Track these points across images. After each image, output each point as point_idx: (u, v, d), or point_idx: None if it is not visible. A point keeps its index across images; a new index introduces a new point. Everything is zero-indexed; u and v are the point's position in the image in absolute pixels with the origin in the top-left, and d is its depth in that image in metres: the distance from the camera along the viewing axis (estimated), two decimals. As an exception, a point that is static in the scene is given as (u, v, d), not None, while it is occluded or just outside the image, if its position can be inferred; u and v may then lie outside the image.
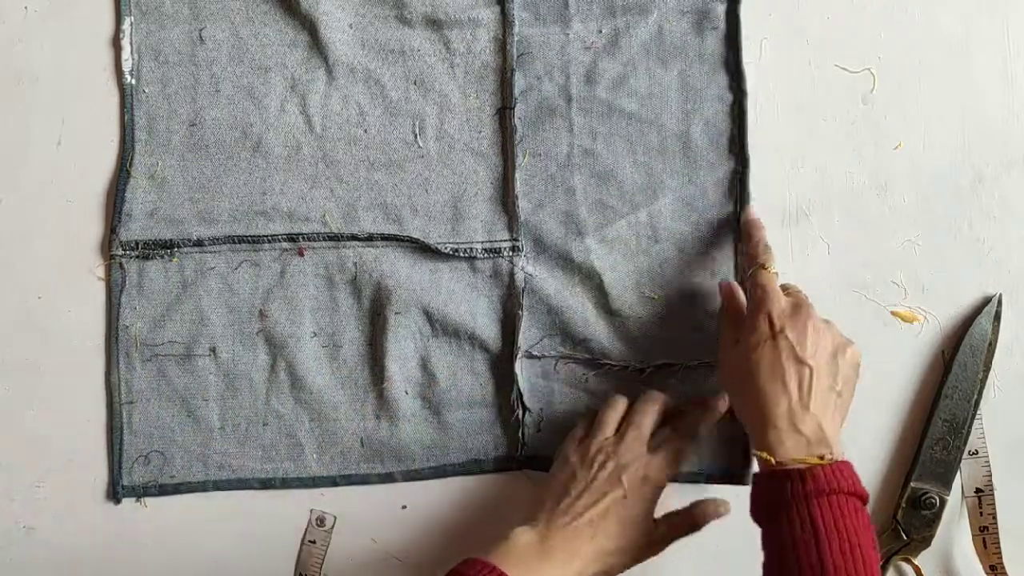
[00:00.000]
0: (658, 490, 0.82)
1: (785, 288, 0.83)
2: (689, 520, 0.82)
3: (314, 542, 0.88)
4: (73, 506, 0.88)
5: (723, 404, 0.86)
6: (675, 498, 0.88)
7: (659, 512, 0.82)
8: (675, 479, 0.87)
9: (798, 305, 0.79)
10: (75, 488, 0.88)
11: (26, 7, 0.89)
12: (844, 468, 0.73)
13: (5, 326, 0.88)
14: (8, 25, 0.89)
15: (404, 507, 0.89)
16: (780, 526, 0.72)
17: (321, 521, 0.88)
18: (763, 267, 0.81)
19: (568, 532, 0.78)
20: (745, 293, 0.83)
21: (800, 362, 0.76)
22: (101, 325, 0.88)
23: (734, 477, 0.89)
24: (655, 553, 0.80)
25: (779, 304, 0.78)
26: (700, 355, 0.88)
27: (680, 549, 0.84)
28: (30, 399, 0.88)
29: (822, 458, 0.73)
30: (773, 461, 0.74)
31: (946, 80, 0.89)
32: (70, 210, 0.88)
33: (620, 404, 0.86)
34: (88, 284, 0.88)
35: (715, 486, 0.89)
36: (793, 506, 0.71)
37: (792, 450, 0.74)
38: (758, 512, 0.75)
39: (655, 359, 0.89)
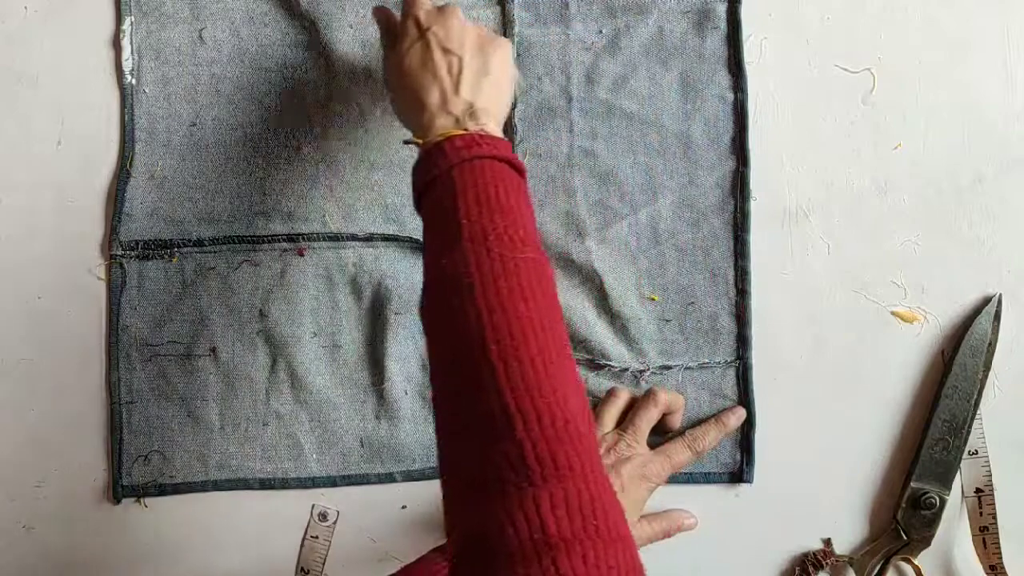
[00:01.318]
0: (652, 489, 0.83)
1: None
2: (664, 526, 0.84)
3: (316, 537, 0.88)
4: (73, 506, 0.88)
5: (735, 420, 0.87)
6: (676, 498, 0.88)
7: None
8: (674, 478, 0.87)
9: (443, 7, 0.79)
10: (75, 488, 0.88)
11: (26, 7, 0.89)
12: (488, 138, 0.71)
13: (5, 326, 0.87)
14: (8, 25, 0.89)
15: (404, 507, 0.89)
16: (430, 202, 0.71)
17: (323, 516, 0.88)
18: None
19: None
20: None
21: (448, 52, 0.76)
22: (101, 325, 0.88)
23: (734, 476, 0.89)
24: None
25: (425, 7, 0.78)
26: (700, 356, 0.88)
27: (681, 548, 0.84)
28: (30, 399, 0.88)
29: (467, 130, 0.72)
30: (421, 142, 0.73)
31: (946, 80, 0.89)
32: (70, 210, 0.88)
33: (621, 399, 0.87)
34: (88, 284, 0.88)
35: (715, 485, 0.89)
36: (437, 180, 0.70)
37: (440, 128, 0.73)
38: (417, 201, 0.73)
39: (655, 360, 0.89)
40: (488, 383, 0.59)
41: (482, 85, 0.75)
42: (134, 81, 0.88)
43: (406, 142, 0.76)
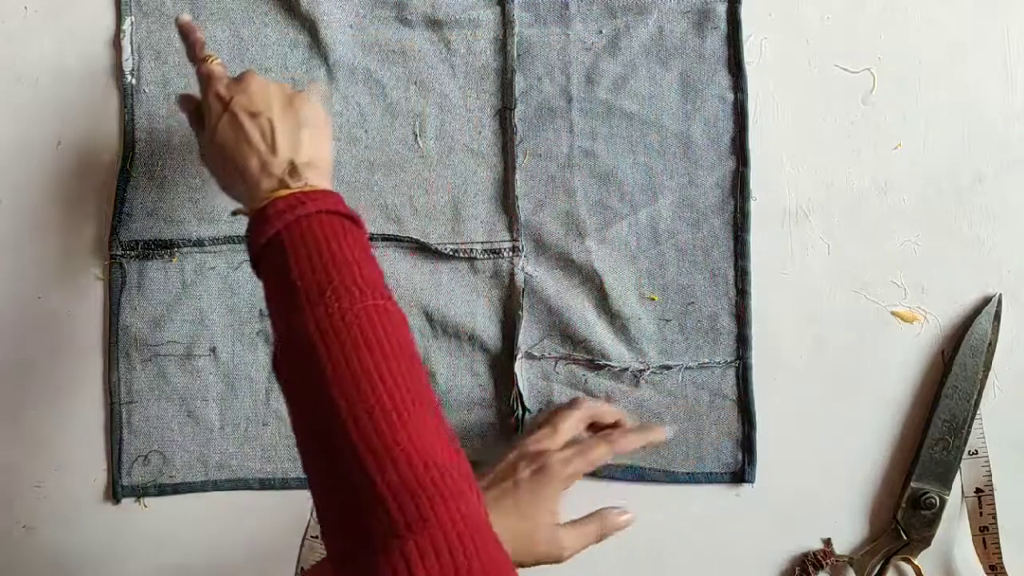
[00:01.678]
0: (555, 483, 0.77)
1: None
2: (594, 528, 0.79)
3: (316, 537, 0.88)
4: (73, 506, 0.88)
5: (658, 435, 0.84)
6: (676, 497, 0.88)
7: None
8: (675, 479, 0.87)
9: (241, 74, 0.77)
10: (75, 488, 0.88)
11: (26, 7, 0.89)
12: (313, 193, 0.70)
13: (5, 326, 0.88)
14: (8, 25, 0.89)
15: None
16: (265, 267, 0.69)
17: (323, 517, 0.88)
18: (204, 60, 0.77)
19: None
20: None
21: (256, 116, 0.74)
22: (101, 325, 0.88)
23: (736, 476, 0.89)
24: (559, 557, 0.76)
25: (223, 80, 0.76)
26: (700, 356, 0.88)
27: (681, 548, 0.84)
28: (30, 399, 0.88)
29: (290, 189, 0.70)
30: (248, 209, 0.71)
31: (946, 80, 0.89)
32: (70, 210, 0.88)
33: (580, 409, 0.84)
34: (88, 284, 0.88)
35: (715, 485, 0.89)
36: (268, 244, 0.68)
37: (264, 192, 0.70)
38: (255, 267, 0.71)
39: (655, 360, 0.89)
40: (342, 443, 0.59)
41: (300, 139, 0.74)
42: (134, 81, 0.88)
43: (233, 213, 0.74)
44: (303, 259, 0.66)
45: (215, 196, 0.87)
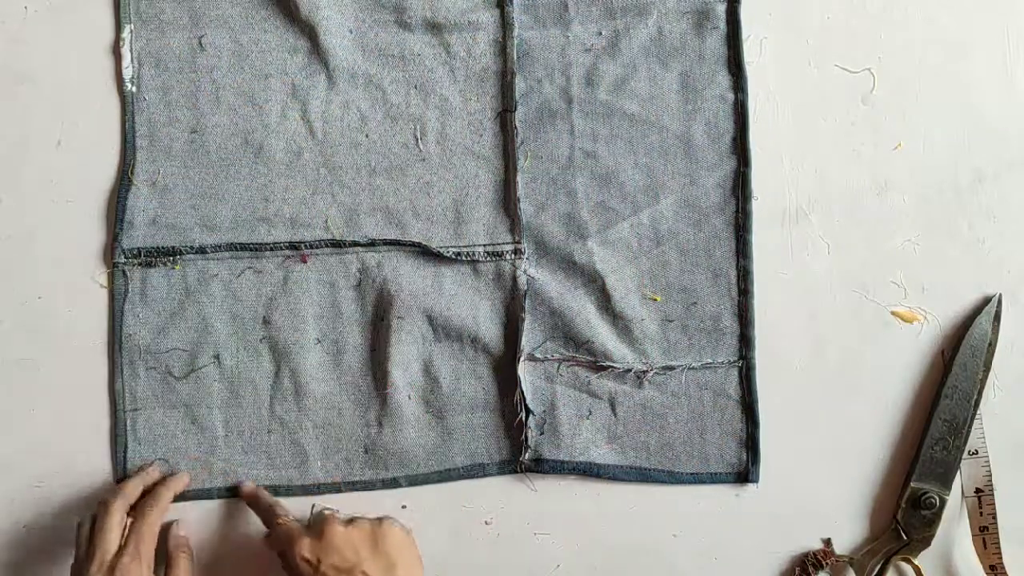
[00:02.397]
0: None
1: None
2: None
3: (316, 538, 0.89)
4: (73, 508, 0.88)
5: (182, 484, 0.87)
6: (676, 497, 0.89)
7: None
8: (679, 479, 0.87)
9: (317, 528, 0.80)
10: (75, 489, 0.88)
11: (26, 7, 0.88)
12: None
13: (6, 326, 0.87)
14: (8, 25, 0.88)
15: (404, 507, 0.89)
16: None
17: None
18: (278, 522, 0.82)
19: None
20: None
21: (349, 572, 0.78)
22: (102, 327, 0.88)
23: (740, 476, 0.89)
24: None
25: (301, 540, 0.79)
26: (703, 356, 0.89)
27: (682, 548, 0.84)
28: (30, 400, 0.87)
29: None
30: None
31: (946, 80, 0.90)
32: (71, 213, 0.88)
33: (121, 500, 0.83)
34: (91, 290, 0.87)
35: (714, 486, 0.89)
36: None
37: None
38: None
39: (658, 361, 0.89)
40: None
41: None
42: (134, 89, 0.88)
43: None
44: None
45: (217, 203, 0.87)
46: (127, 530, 0.80)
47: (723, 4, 0.89)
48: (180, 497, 0.87)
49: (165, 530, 0.86)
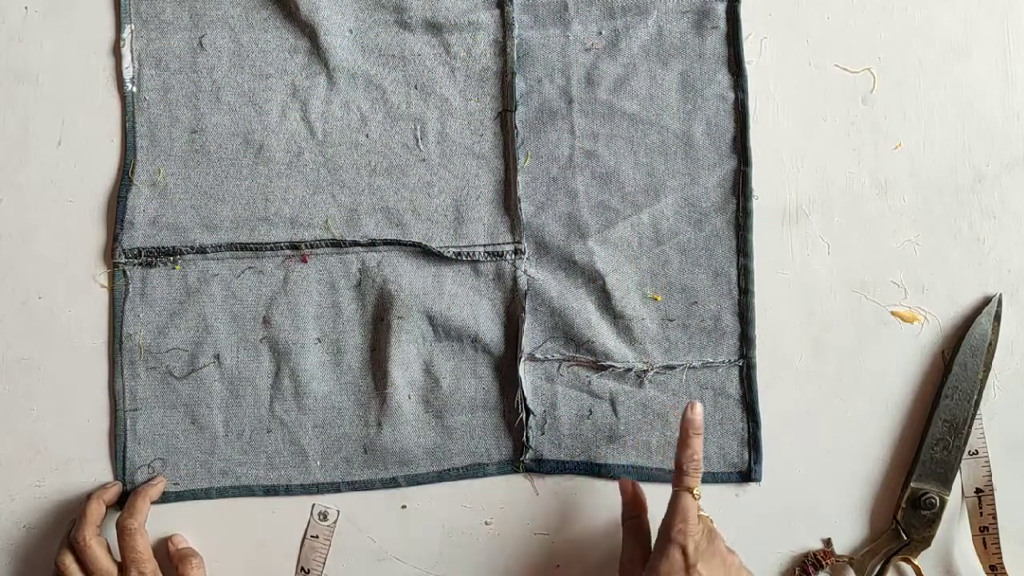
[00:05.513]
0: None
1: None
2: None
3: (316, 537, 0.88)
4: (73, 508, 0.88)
5: (157, 491, 0.87)
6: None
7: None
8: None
9: (711, 539, 0.78)
10: (75, 489, 0.88)
11: (26, 7, 0.88)
12: None
13: (6, 326, 0.88)
14: (8, 25, 0.88)
15: (404, 507, 0.89)
16: None
17: (324, 516, 0.89)
18: (689, 490, 0.79)
19: None
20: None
21: None
22: (102, 327, 0.88)
23: (743, 476, 0.89)
24: None
25: (695, 536, 0.77)
26: (704, 356, 0.89)
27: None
28: (30, 399, 0.88)
29: None
30: None
31: (946, 80, 0.89)
32: (71, 212, 0.88)
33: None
34: (91, 290, 0.88)
35: (714, 485, 0.89)
36: None
37: None
38: None
39: (659, 360, 0.89)
40: None
41: None
42: (135, 89, 0.88)
43: None
44: None
45: (217, 203, 0.87)
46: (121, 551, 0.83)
47: (723, 3, 0.89)
48: (180, 497, 0.88)
49: (163, 546, 0.87)
